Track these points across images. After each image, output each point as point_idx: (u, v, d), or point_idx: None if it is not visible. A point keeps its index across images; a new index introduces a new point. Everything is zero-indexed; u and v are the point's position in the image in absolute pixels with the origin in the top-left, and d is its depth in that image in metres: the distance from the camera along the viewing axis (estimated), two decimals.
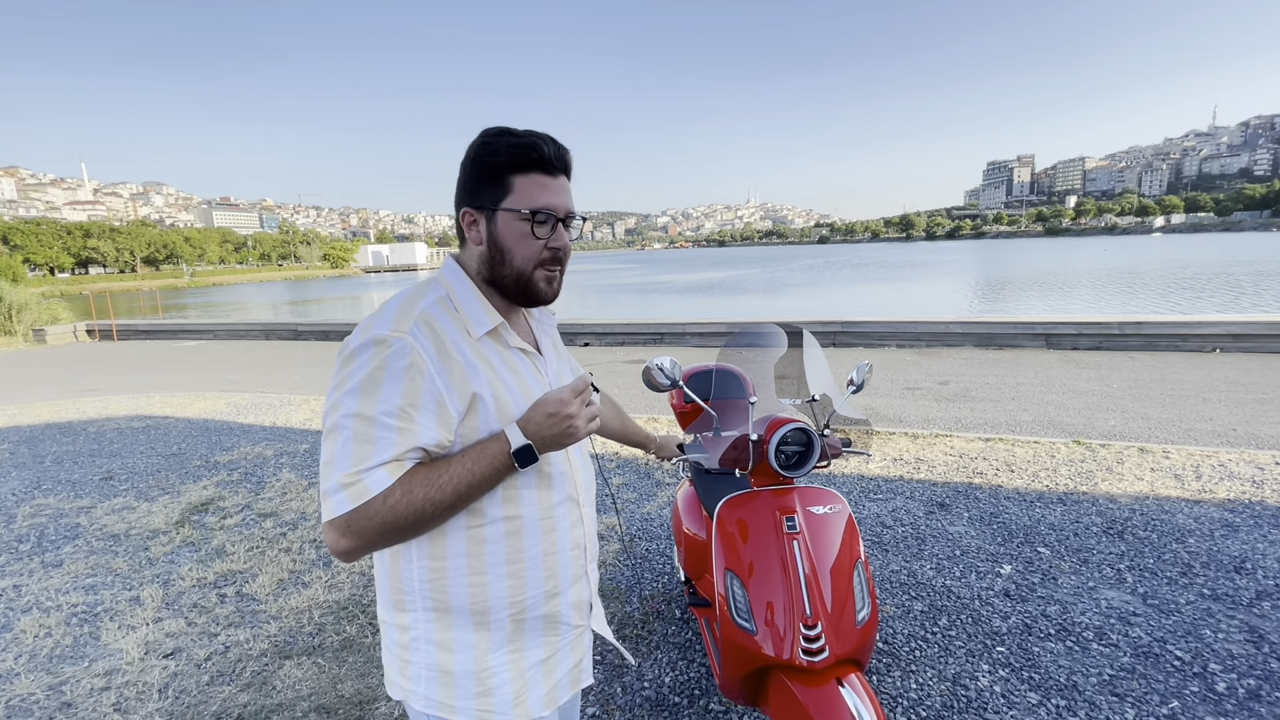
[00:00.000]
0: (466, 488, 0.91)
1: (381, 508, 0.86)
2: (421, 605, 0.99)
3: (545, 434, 0.95)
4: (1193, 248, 58.74)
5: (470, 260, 1.04)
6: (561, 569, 1.06)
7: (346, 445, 0.87)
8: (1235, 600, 2.61)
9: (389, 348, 0.89)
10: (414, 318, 0.93)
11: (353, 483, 0.86)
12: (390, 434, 0.88)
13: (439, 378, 0.91)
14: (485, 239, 1.01)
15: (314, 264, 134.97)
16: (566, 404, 0.96)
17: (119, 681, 2.39)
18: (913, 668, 2.30)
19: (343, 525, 0.87)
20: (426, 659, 0.99)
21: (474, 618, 0.99)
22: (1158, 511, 3.45)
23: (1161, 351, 8.21)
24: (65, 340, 15.78)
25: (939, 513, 3.58)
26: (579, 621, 1.11)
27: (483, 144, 0.99)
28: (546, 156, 0.99)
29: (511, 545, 1.00)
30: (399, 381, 0.89)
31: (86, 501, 4.29)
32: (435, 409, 0.91)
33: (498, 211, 0.99)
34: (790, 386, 1.88)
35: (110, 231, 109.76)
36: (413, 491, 0.88)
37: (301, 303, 39.15)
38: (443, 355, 0.92)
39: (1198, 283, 23.35)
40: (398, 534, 0.90)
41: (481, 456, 0.93)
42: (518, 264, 1.01)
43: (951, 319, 9.89)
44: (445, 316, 0.96)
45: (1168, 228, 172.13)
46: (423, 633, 0.99)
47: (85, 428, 6.38)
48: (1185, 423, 5.14)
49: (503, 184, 0.98)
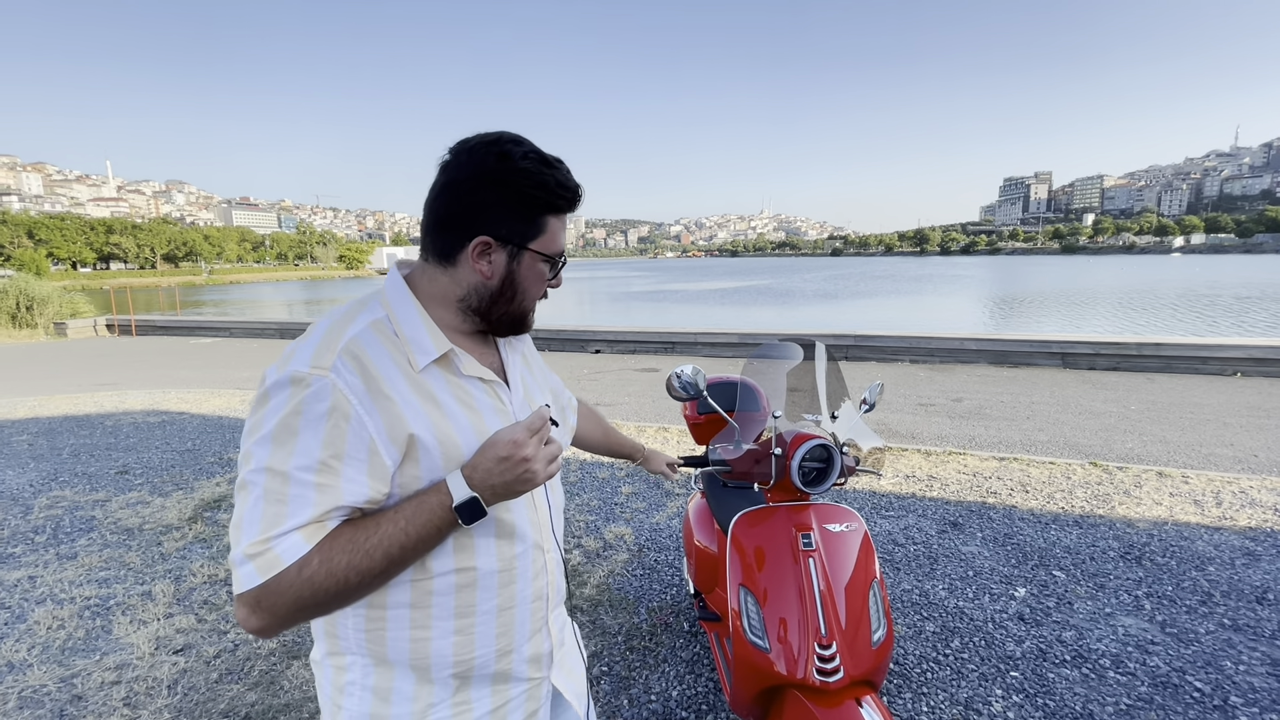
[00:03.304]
0: (400, 551, 0.78)
1: (296, 580, 0.73)
2: (358, 650, 0.89)
3: (495, 482, 0.81)
4: (1212, 268, 57.95)
5: (436, 283, 0.90)
6: (518, 624, 0.94)
7: (256, 506, 0.74)
8: (1257, 632, 2.55)
9: (306, 388, 0.76)
10: (338, 350, 0.79)
11: (261, 552, 0.73)
12: (307, 491, 0.75)
13: (370, 421, 0.78)
14: (501, 274, 0.89)
15: (330, 264, 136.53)
16: (520, 445, 0.82)
17: (129, 676, 2.41)
18: (924, 690, 2.27)
19: (251, 601, 0.74)
20: (360, 707, 0.88)
21: (415, 673, 0.89)
22: (1177, 537, 3.38)
23: (1180, 374, 8.09)
24: (85, 334, 16.03)
25: (952, 532, 3.54)
26: (534, 675, 0.99)
27: (520, 172, 0.86)
28: (577, 199, 0.92)
29: (462, 599, 0.88)
30: (319, 429, 0.75)
31: (102, 495, 4.34)
32: (365, 458, 0.78)
33: (524, 250, 0.89)
34: (809, 402, 1.87)
35: (132, 228, 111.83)
36: (334, 559, 0.75)
37: (316, 302, 39.58)
38: (374, 393, 0.79)
39: (1218, 303, 23.03)
40: (317, 608, 0.77)
41: (418, 513, 0.79)
42: (525, 304, 0.93)
43: (966, 335, 9.81)
44: (378, 345, 0.82)
45: (1187, 248, 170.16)
46: (359, 678, 0.89)
47: (103, 421, 6.47)
48: (1205, 447, 5.05)
49: (537, 223, 0.89)
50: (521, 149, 0.86)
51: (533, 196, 0.87)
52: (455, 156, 0.87)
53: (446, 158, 0.88)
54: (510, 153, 0.86)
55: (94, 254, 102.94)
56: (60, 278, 73.80)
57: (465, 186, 0.86)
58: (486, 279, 0.89)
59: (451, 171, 0.87)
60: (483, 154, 0.86)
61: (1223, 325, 17.18)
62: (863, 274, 65.46)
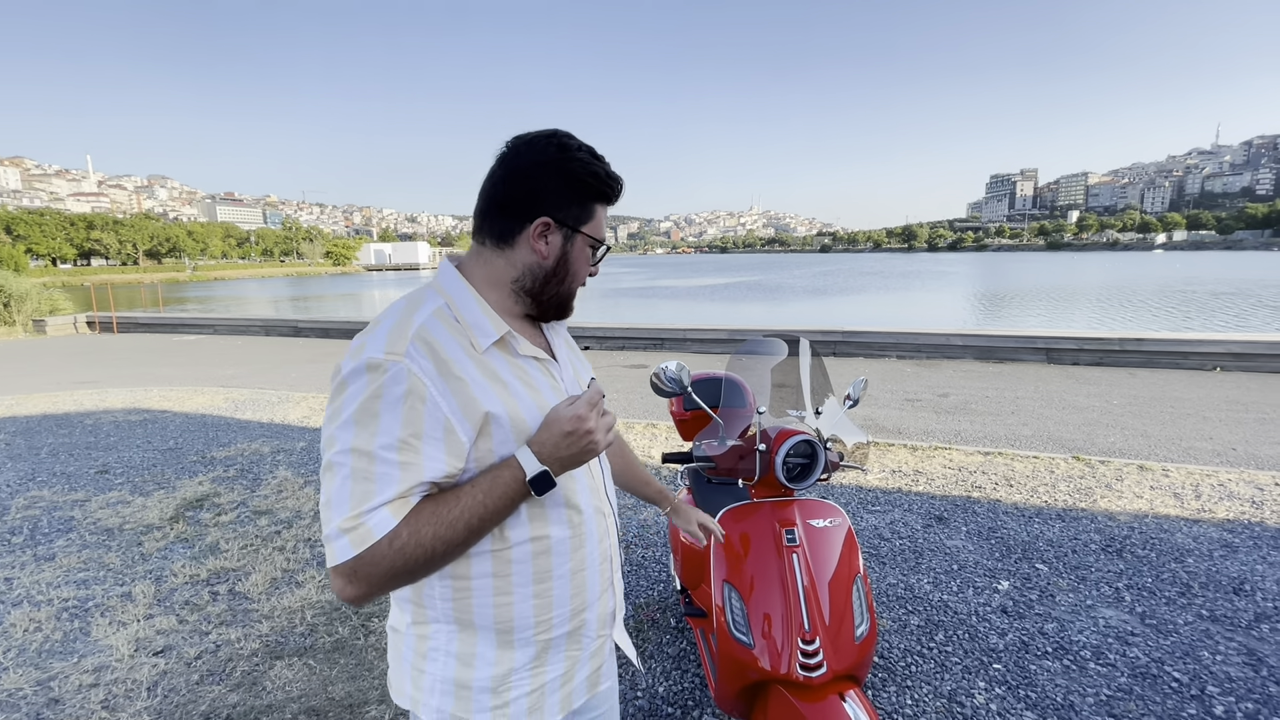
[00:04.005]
0: (480, 521, 0.86)
1: (388, 552, 0.80)
2: (444, 618, 0.95)
3: (563, 454, 0.90)
4: (1193, 265, 58.83)
5: (491, 266, 0.97)
6: (589, 584, 1.02)
7: (345, 484, 0.81)
8: (1234, 622, 2.59)
9: (384, 373, 0.82)
10: (410, 336, 0.85)
11: (354, 526, 0.80)
12: (392, 469, 0.82)
13: (444, 401, 0.85)
14: (556, 255, 0.97)
15: (316, 261, 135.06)
16: (584, 419, 0.90)
17: (108, 679, 2.37)
18: (909, 683, 2.29)
19: (348, 572, 0.81)
20: (444, 671, 0.95)
21: (498, 636, 0.96)
22: (1156, 530, 3.43)
23: (1162, 368, 8.20)
24: (65, 331, 15.77)
25: (937, 526, 3.57)
26: (602, 633, 1.08)
27: (578, 161, 0.95)
28: (621, 190, 1.01)
29: (539, 565, 0.96)
30: (398, 411, 0.82)
31: (81, 495, 4.27)
32: (442, 437, 0.85)
33: (577, 233, 0.98)
34: (794, 397, 1.87)
35: (113, 224, 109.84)
36: (421, 531, 0.82)
37: (303, 299, 39.17)
38: (446, 376, 0.85)
39: (1196, 300, 23.38)
40: (409, 576, 0.84)
41: (494, 486, 0.87)
42: (572, 286, 1.02)
43: (952, 331, 9.89)
44: (444, 331, 0.88)
45: (1169, 244, 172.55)
46: (443, 644, 0.95)
47: (82, 420, 6.36)
48: (1185, 441, 5.13)
49: (588, 209, 0.98)
50: (575, 142, 0.97)
51: (587, 184, 0.96)
52: (515, 147, 0.96)
53: (505, 149, 0.96)
54: (569, 144, 0.95)
55: (74, 250, 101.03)
56: (39, 274, 72.46)
57: (528, 173, 0.94)
58: (543, 259, 0.97)
59: (513, 160, 0.95)
60: (543, 144, 0.95)
61: (1195, 321, 17.43)
62: (851, 270, 65.79)
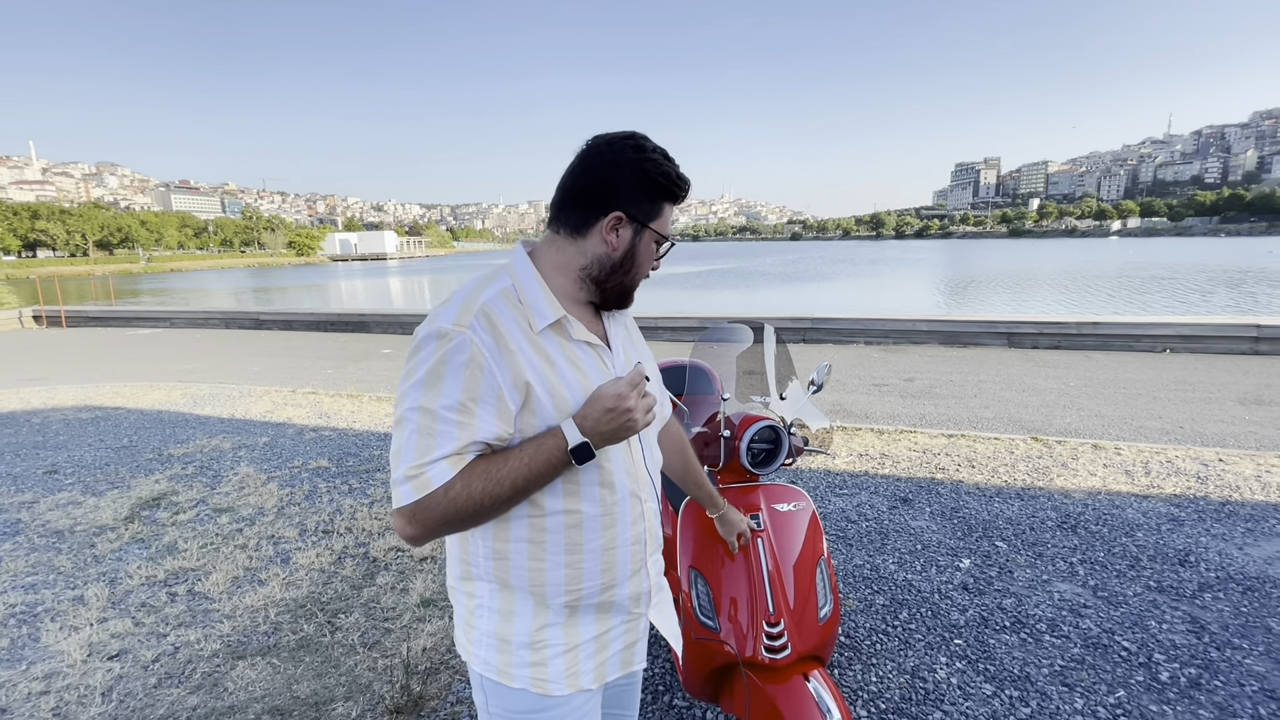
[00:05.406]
0: (524, 482, 0.95)
1: (443, 500, 0.91)
2: (486, 577, 1.05)
3: (603, 429, 0.97)
4: (1144, 252, 60.98)
5: (563, 253, 1.05)
6: (619, 563, 1.09)
7: (411, 438, 0.92)
8: (1179, 592, 2.72)
9: (450, 342, 0.93)
10: (475, 311, 0.96)
11: (417, 475, 0.91)
12: (451, 428, 0.92)
13: (498, 371, 0.94)
14: (625, 247, 1.05)
15: (279, 251, 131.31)
16: (624, 398, 0.97)
17: (59, 685, 2.29)
18: (873, 661, 2.34)
19: (409, 514, 0.92)
20: (489, 626, 1.06)
21: (533, 597, 1.05)
22: (1109, 506, 3.57)
23: (1116, 351, 8.51)
24: (10, 327, 15.06)
25: (902, 508, 3.65)
26: (635, 610, 1.14)
27: (651, 161, 1.02)
28: (688, 192, 1.07)
29: (570, 537, 1.03)
30: (459, 376, 0.92)
31: (28, 496, 4.10)
32: (494, 402, 0.95)
33: (646, 228, 1.05)
34: (759, 384, 1.88)
35: (60, 213, 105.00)
36: (472, 485, 0.92)
37: (265, 290, 38.03)
38: (502, 349, 0.95)
39: (1149, 284, 24.28)
40: (459, 523, 0.95)
41: (539, 452, 0.96)
42: (636, 277, 1.09)
43: (918, 317, 10.09)
44: (507, 309, 0.98)
45: (1124, 231, 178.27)
46: (486, 601, 1.06)
47: (29, 418, 6.10)
48: (1136, 420, 5.33)
49: (657, 207, 1.05)
50: (650, 144, 1.04)
51: (658, 184, 1.03)
52: (595, 146, 1.03)
53: (585, 147, 1.04)
54: (644, 145, 1.03)
55: (18, 241, 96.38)
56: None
57: (605, 170, 1.02)
58: (612, 250, 1.04)
59: (593, 157, 1.03)
60: (621, 144, 1.02)
61: (1134, 305, 18.09)
62: (821, 258, 66.53)
